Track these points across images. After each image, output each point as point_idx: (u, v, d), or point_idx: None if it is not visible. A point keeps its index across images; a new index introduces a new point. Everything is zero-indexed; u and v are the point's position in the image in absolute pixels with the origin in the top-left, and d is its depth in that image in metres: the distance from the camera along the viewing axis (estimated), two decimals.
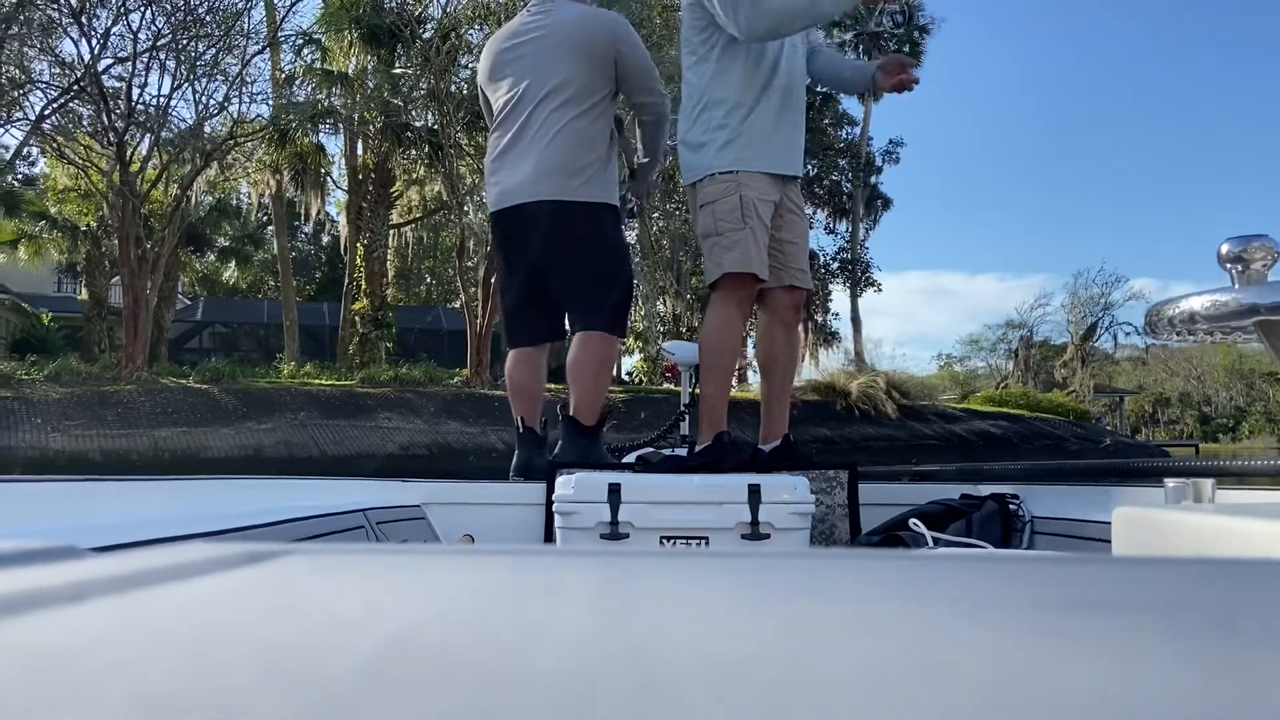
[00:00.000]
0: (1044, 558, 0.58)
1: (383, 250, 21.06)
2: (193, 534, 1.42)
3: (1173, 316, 1.36)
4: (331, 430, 14.56)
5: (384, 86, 18.57)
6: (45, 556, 0.46)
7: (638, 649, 0.27)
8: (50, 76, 17.98)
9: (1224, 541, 1.08)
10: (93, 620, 0.32)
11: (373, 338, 20.36)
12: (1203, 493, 1.41)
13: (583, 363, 2.90)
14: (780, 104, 2.79)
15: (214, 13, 17.56)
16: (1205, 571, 0.51)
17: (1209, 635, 0.31)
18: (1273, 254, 1.29)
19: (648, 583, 0.44)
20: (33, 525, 1.30)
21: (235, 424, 14.23)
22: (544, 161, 2.86)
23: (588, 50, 2.89)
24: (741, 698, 0.22)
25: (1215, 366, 53.05)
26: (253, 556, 0.48)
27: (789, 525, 2.27)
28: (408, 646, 0.27)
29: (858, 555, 0.69)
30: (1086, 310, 42.28)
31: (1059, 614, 0.35)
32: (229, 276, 34.92)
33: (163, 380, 15.41)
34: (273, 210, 23.08)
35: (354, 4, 18.62)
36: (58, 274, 30.08)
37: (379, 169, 20.38)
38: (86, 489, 1.53)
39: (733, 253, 2.70)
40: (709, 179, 2.75)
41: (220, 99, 18.18)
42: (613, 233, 2.99)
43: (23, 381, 14.17)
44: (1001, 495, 2.44)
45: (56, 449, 12.75)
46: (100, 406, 13.82)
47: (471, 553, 0.61)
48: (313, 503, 2.01)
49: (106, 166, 17.66)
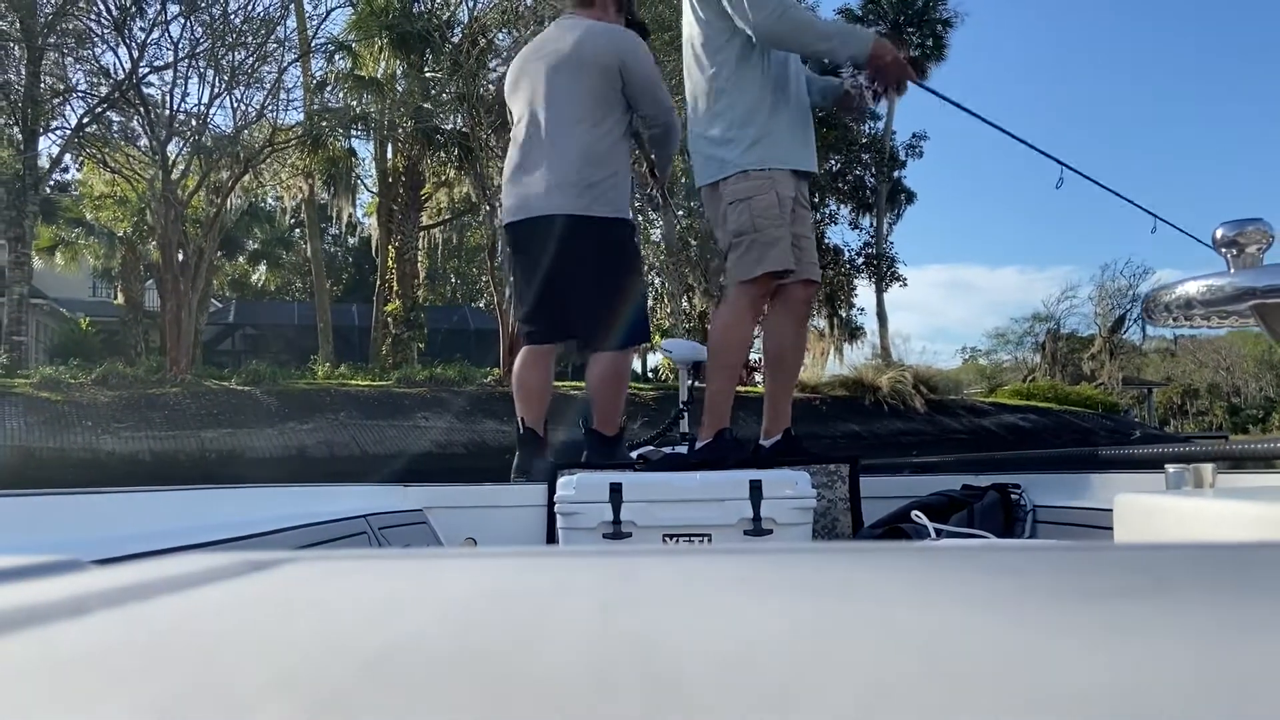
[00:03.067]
0: (1046, 546, 0.62)
1: (413, 252, 21.34)
2: (195, 544, 1.42)
3: (1169, 302, 1.35)
4: (372, 430, 14.84)
5: (415, 91, 18.82)
6: (48, 570, 0.46)
7: (643, 648, 0.27)
8: (88, 85, 18.41)
9: (1225, 526, 1.08)
10: (96, 632, 0.32)
11: (405, 338, 20.64)
12: (1203, 478, 1.40)
13: (598, 384, 3.00)
14: (796, 104, 2.81)
15: (250, 22, 17.89)
16: (1206, 557, 0.52)
17: (1211, 621, 0.31)
18: (1268, 237, 1.29)
19: (651, 581, 0.44)
20: (35, 539, 1.31)
21: (278, 425, 14.54)
22: (557, 176, 2.93)
23: (595, 67, 2.96)
24: (748, 694, 0.22)
25: (1244, 357, 52.42)
26: (255, 565, 0.49)
27: (791, 520, 2.26)
28: (413, 651, 0.27)
29: (860, 548, 0.69)
30: (1114, 302, 41.97)
31: (1062, 603, 0.35)
32: (258, 279, 35.41)
33: (206, 382, 15.76)
34: (305, 214, 23.44)
35: (384, 10, 18.89)
36: (93, 279, 30.66)
37: (409, 172, 20.65)
38: (88, 502, 1.53)
39: (773, 250, 2.68)
40: (739, 175, 2.70)
41: (258, 107, 18.52)
42: (626, 248, 3.06)
43: (71, 385, 14.54)
44: (1003, 485, 2.44)
45: (108, 450, 13.10)
46: (148, 409, 14.16)
47: (474, 555, 0.61)
48: (314, 510, 2.02)
49: (146, 174, 18.05)
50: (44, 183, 20.45)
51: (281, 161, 20.35)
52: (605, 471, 2.41)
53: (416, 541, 2.44)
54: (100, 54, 18.09)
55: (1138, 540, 1.23)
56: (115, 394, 14.43)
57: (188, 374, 16.10)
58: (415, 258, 21.56)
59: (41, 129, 17.93)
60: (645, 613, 0.34)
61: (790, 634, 0.29)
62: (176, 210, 16.99)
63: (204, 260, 17.96)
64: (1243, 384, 54.46)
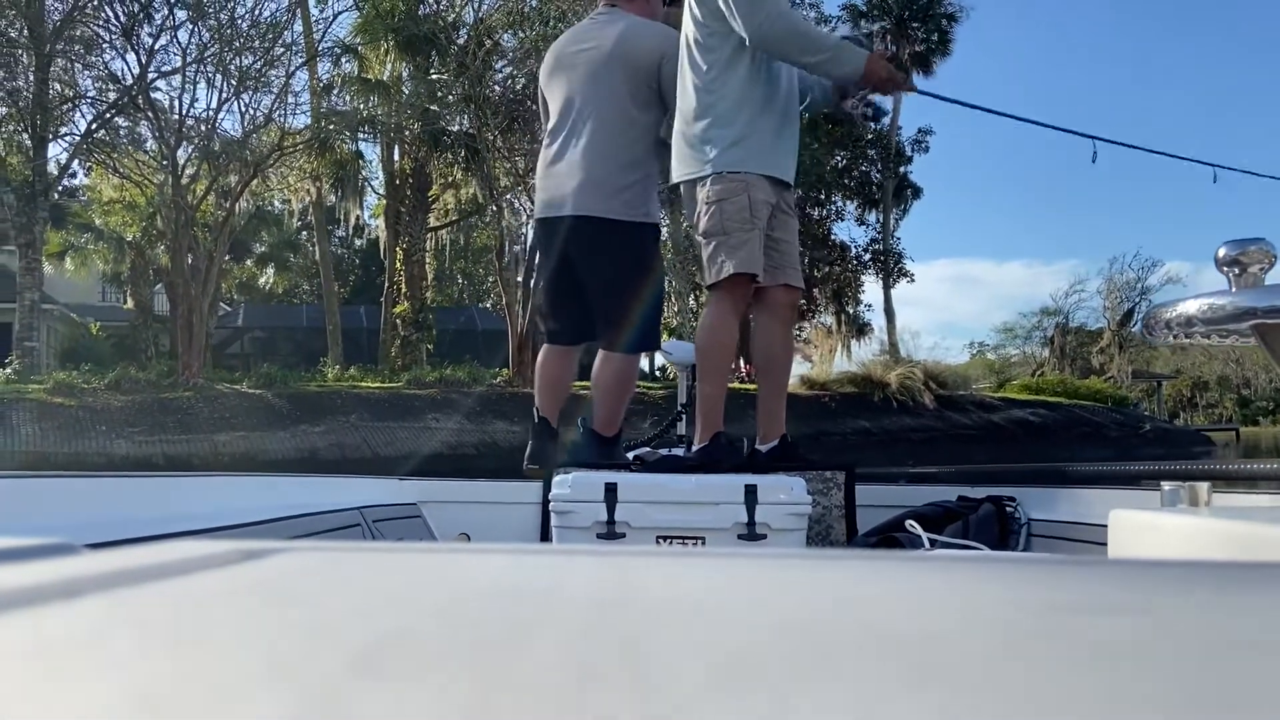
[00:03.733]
0: (1039, 560, 0.61)
1: (421, 254, 21.40)
2: (189, 531, 1.42)
3: (1170, 319, 1.35)
4: (382, 432, 14.90)
5: (421, 93, 18.87)
6: (41, 553, 0.46)
7: (633, 647, 0.27)
8: (96, 91, 18.50)
9: (1219, 545, 1.08)
10: (88, 617, 0.32)
11: (414, 340, 20.71)
12: (1199, 496, 1.40)
13: (603, 382, 2.99)
14: (783, 113, 2.78)
15: (256, 26, 17.95)
16: (1199, 575, 0.52)
17: (1201, 639, 0.31)
18: (1270, 258, 1.29)
19: (643, 581, 0.44)
20: (28, 522, 1.31)
21: (290, 427, 14.62)
22: (589, 176, 2.92)
23: (634, 64, 2.94)
24: (737, 698, 0.22)
25: (1255, 349, 52.05)
26: (248, 554, 0.48)
27: (785, 526, 2.25)
28: (404, 644, 0.27)
29: (853, 556, 0.68)
30: (1123, 295, 41.87)
31: (1054, 616, 0.35)
32: (264, 281, 35.53)
33: (218, 386, 15.84)
34: (313, 217, 23.52)
35: (390, 13, 18.93)
36: (101, 283, 30.78)
37: (416, 174, 20.71)
38: (83, 486, 1.52)
39: (740, 253, 2.66)
40: (715, 177, 2.69)
41: (266, 111, 18.59)
42: (649, 252, 3.05)
43: (84, 390, 14.62)
44: (998, 497, 2.43)
45: (122, 454, 13.17)
46: (160, 413, 14.25)
47: (467, 551, 0.61)
48: (309, 500, 2.01)
49: (155, 179, 18.13)
50: (54, 189, 20.57)
51: (289, 165, 20.44)
52: (601, 471, 2.40)
53: (410, 535, 2.44)
54: (109, 60, 18.15)
55: (1131, 556, 1.23)
56: (128, 398, 14.52)
57: (200, 378, 16.18)
58: (423, 259, 21.62)
59: (51, 135, 18.02)
60: (636, 612, 0.34)
61: (780, 639, 0.29)
62: (187, 215, 17.06)
63: (214, 265, 18.02)
64: (1253, 376, 54.23)
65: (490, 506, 2.69)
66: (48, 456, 12.73)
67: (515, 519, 2.64)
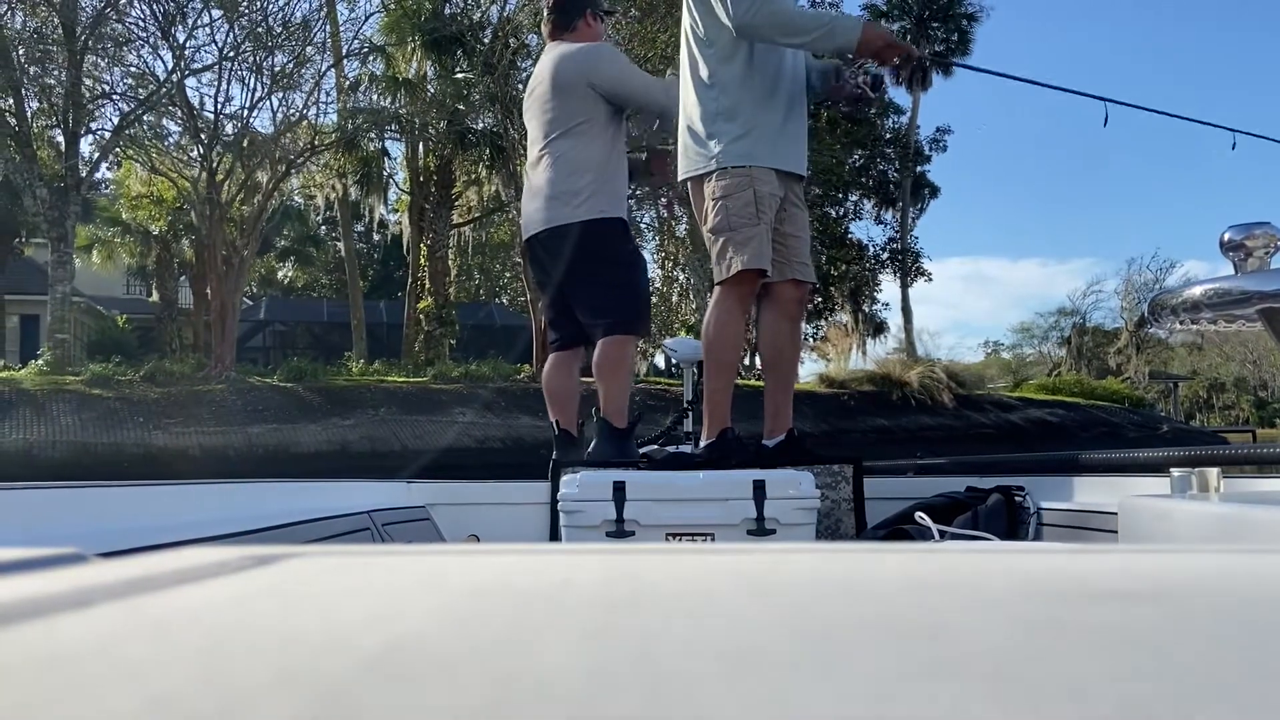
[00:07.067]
0: (1049, 549, 0.61)
1: (445, 250, 21.64)
2: (199, 538, 1.42)
3: (1176, 305, 1.35)
4: (411, 426, 15.16)
5: (447, 91, 19.09)
6: (53, 563, 0.46)
7: (645, 646, 0.27)
8: (125, 88, 18.78)
9: (1229, 530, 1.07)
10: (100, 625, 0.32)
11: (437, 335, 20.95)
12: (1208, 482, 1.40)
13: (598, 366, 3.12)
14: (787, 103, 2.76)
15: (287, 26, 18.22)
16: (1209, 561, 0.51)
17: (1215, 625, 0.31)
18: (1274, 242, 1.28)
19: (654, 579, 0.44)
20: (40, 532, 1.31)
21: (321, 420, 14.89)
22: (545, 192, 3.16)
23: (564, 89, 3.15)
24: (749, 692, 0.22)
25: (1272, 350, 51.85)
26: (259, 559, 0.49)
27: (794, 520, 2.25)
28: (415, 647, 0.27)
29: (863, 549, 0.70)
30: (1140, 296, 41.77)
31: (1065, 606, 0.35)
32: (284, 275, 35.87)
33: (250, 379, 16.14)
34: (339, 214, 23.79)
35: (416, 12, 19.16)
36: (127, 276, 31.13)
37: (441, 171, 20.94)
38: (93, 495, 1.53)
39: (747, 249, 2.63)
40: (720, 173, 2.68)
41: (298, 110, 18.87)
42: (614, 243, 3.17)
43: (120, 382, 14.94)
44: (1007, 487, 2.43)
45: (160, 445, 13.47)
46: (195, 405, 14.54)
47: (477, 552, 0.61)
48: (318, 505, 2.02)
49: (188, 175, 18.42)
50: (85, 183, 20.90)
51: (316, 162, 20.70)
52: (609, 470, 2.42)
53: (420, 538, 2.44)
54: (143, 56, 18.44)
55: (1141, 544, 1.21)
56: (163, 391, 14.82)
57: (231, 370, 16.49)
58: (446, 255, 21.86)
59: (84, 131, 18.32)
60: (648, 611, 0.34)
61: (791, 635, 0.29)
62: (220, 211, 17.35)
63: (245, 260, 18.32)
64: (1270, 377, 53.96)
65: (499, 508, 2.71)
66: (89, 447, 13.04)
67: (524, 519, 2.65)
